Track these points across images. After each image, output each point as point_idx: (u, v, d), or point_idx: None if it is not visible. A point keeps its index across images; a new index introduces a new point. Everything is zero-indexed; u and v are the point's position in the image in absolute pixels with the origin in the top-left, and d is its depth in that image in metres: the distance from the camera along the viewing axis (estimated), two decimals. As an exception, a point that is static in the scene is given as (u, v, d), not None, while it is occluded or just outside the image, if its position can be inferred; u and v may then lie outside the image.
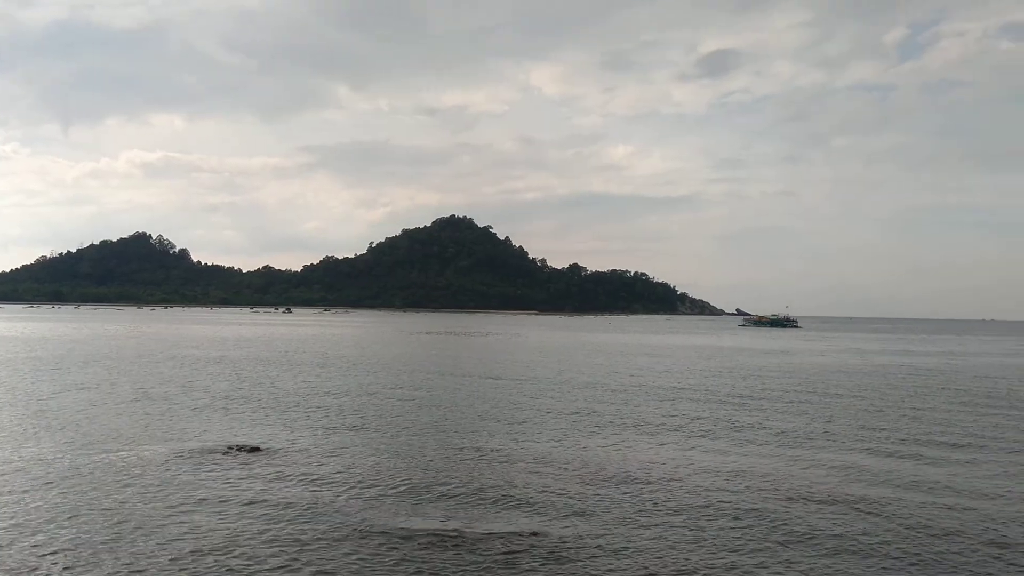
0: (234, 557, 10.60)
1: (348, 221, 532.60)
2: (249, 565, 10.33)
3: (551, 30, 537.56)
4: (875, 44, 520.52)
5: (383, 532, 11.80)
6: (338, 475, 15.39)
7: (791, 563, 10.81)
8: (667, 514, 12.99)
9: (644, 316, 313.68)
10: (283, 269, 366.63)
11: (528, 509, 13.20)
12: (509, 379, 36.38)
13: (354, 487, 14.45)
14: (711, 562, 10.79)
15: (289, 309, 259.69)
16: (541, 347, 67.79)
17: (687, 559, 10.85)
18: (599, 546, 11.35)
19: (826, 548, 11.44)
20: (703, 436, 21.02)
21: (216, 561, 10.43)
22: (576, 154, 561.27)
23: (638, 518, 12.77)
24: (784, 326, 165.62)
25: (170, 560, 10.45)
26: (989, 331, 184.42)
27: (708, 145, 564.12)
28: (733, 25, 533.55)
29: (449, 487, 14.63)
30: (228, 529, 11.76)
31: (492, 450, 18.23)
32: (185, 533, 11.55)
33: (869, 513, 13.38)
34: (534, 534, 11.83)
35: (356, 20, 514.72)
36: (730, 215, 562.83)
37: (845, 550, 11.38)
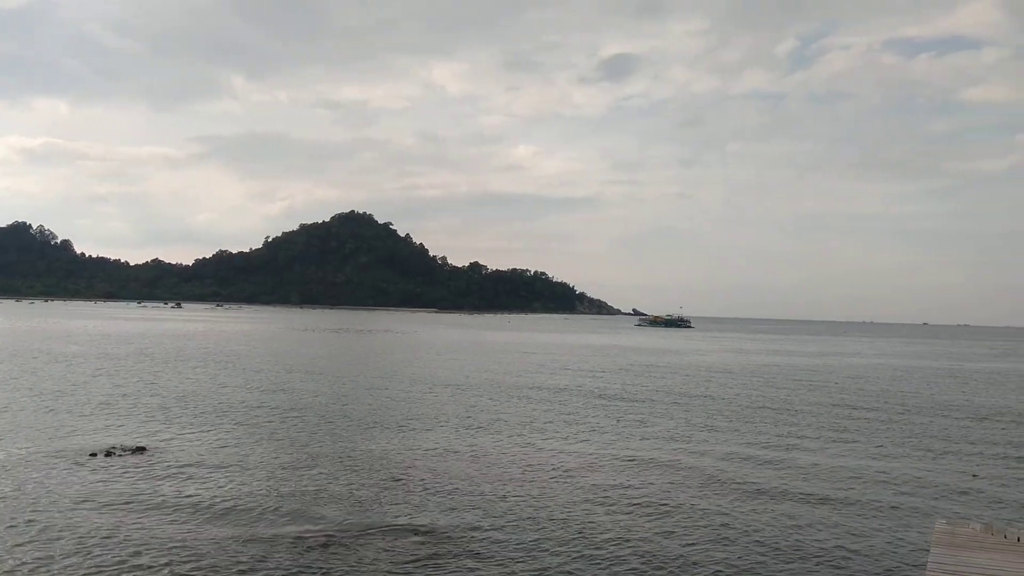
0: (112, 558, 10.40)
1: (243, 214, 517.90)
2: (127, 566, 10.16)
3: (454, 28, 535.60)
4: (767, 54, 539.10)
5: (268, 533, 11.65)
6: (225, 476, 15.20)
7: (671, 548, 11.32)
8: (558, 507, 13.31)
9: (543, 315, 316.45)
10: (173, 263, 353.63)
11: (417, 508, 13.28)
12: (404, 378, 36.35)
13: (241, 487, 14.28)
14: (594, 554, 11.16)
15: (179, 304, 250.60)
16: (439, 345, 67.69)
17: (578, 552, 11.20)
18: (490, 542, 11.46)
19: (710, 533, 12.00)
20: (592, 431, 21.58)
21: (93, 562, 10.21)
22: (479, 153, 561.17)
23: (528, 514, 12.97)
24: (678, 326, 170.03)
25: (41, 559, 10.18)
26: (867, 333, 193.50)
27: (607, 147, 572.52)
28: (633, 30, 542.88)
29: (337, 486, 14.60)
30: (108, 531, 11.49)
31: (383, 449, 18.31)
32: (62, 533, 11.26)
33: (739, 499, 14.08)
34: (424, 531, 11.89)
35: (254, 9, 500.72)
36: (628, 216, 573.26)
37: (723, 536, 11.97)
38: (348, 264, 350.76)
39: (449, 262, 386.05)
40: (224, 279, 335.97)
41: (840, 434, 22.76)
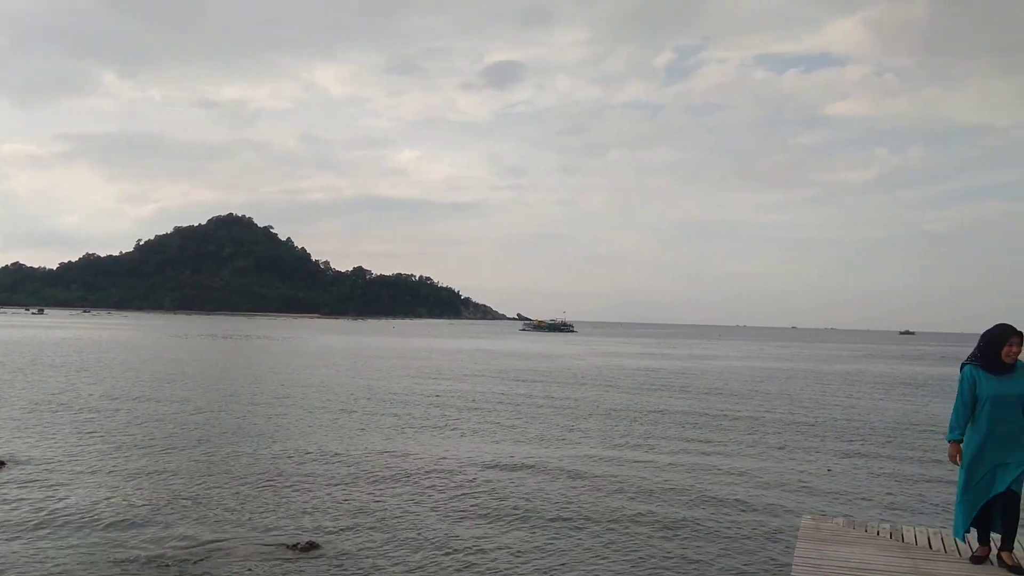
0: None
1: (113, 217, 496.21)
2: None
3: (336, 29, 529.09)
4: (647, 66, 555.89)
5: (136, 551, 10.72)
6: (91, 490, 13.86)
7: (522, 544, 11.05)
8: (426, 511, 12.89)
9: (428, 320, 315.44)
10: (36, 266, 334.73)
11: (300, 518, 12.35)
12: (279, 384, 35.10)
13: (109, 502, 13.05)
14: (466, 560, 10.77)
15: (41, 310, 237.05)
16: (318, 352, 66.29)
17: (445, 555, 10.78)
18: (357, 548, 11.01)
19: (572, 535, 11.80)
20: (465, 435, 21.24)
21: None
22: (364, 156, 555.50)
23: (395, 515, 12.54)
24: (561, 331, 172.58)
25: None
26: (739, 336, 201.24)
27: (493, 153, 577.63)
28: (517, 39, 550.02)
29: (202, 496, 13.46)
30: None
31: (251, 457, 17.28)
32: None
33: (604, 500, 13.99)
34: (292, 541, 11.25)
35: (126, 2, 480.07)
36: (513, 222, 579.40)
37: (585, 537, 11.80)
38: (226, 268, 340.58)
39: (333, 267, 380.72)
40: (91, 284, 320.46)
41: (704, 434, 22.95)
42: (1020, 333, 6.32)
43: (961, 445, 6.42)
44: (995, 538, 6.56)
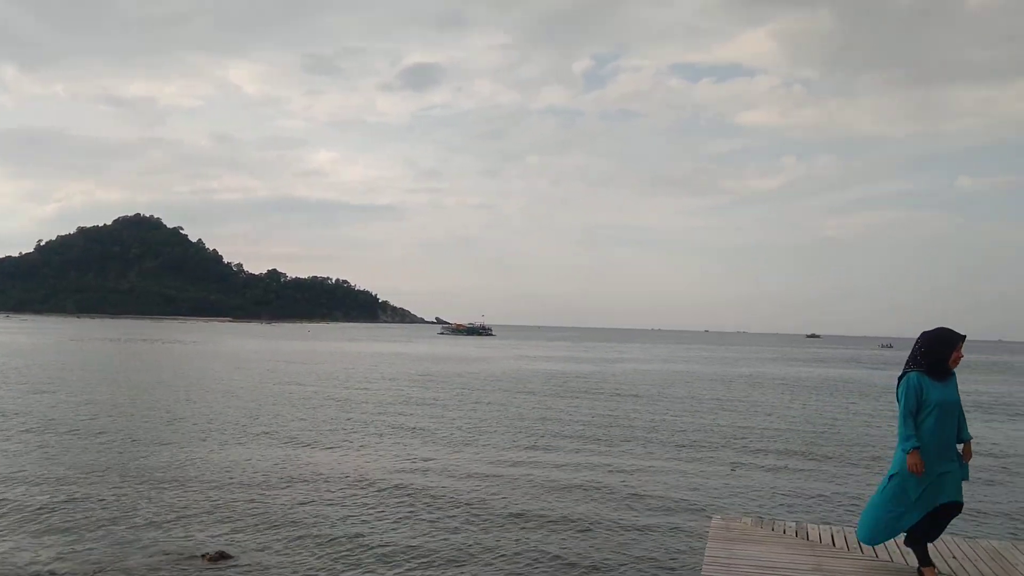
0: None
1: (11, 216, 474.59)
2: None
3: (251, 26, 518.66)
4: (565, 72, 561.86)
5: (30, 567, 10.15)
6: None
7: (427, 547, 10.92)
8: (326, 514, 12.61)
9: (345, 324, 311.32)
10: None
11: (209, 527, 11.87)
12: (184, 390, 33.92)
13: None
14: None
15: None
16: (229, 356, 64.61)
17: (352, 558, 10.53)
18: (283, 561, 10.67)
19: (478, 538, 11.71)
20: (377, 440, 21.03)
21: None
22: (278, 157, 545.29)
23: (317, 525, 12.23)
24: (480, 334, 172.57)
25: None
26: (653, 340, 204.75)
27: (411, 155, 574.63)
28: (435, 41, 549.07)
29: (112, 509, 12.85)
30: None
31: (165, 467, 16.76)
32: None
33: (511, 503, 13.97)
34: (219, 556, 10.85)
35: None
36: (432, 225, 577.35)
37: (492, 539, 11.73)
38: (132, 270, 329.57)
39: (246, 269, 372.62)
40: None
41: (613, 436, 23.10)
42: (964, 337, 6.19)
43: (907, 453, 6.08)
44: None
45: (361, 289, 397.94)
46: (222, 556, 10.59)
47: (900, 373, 6.37)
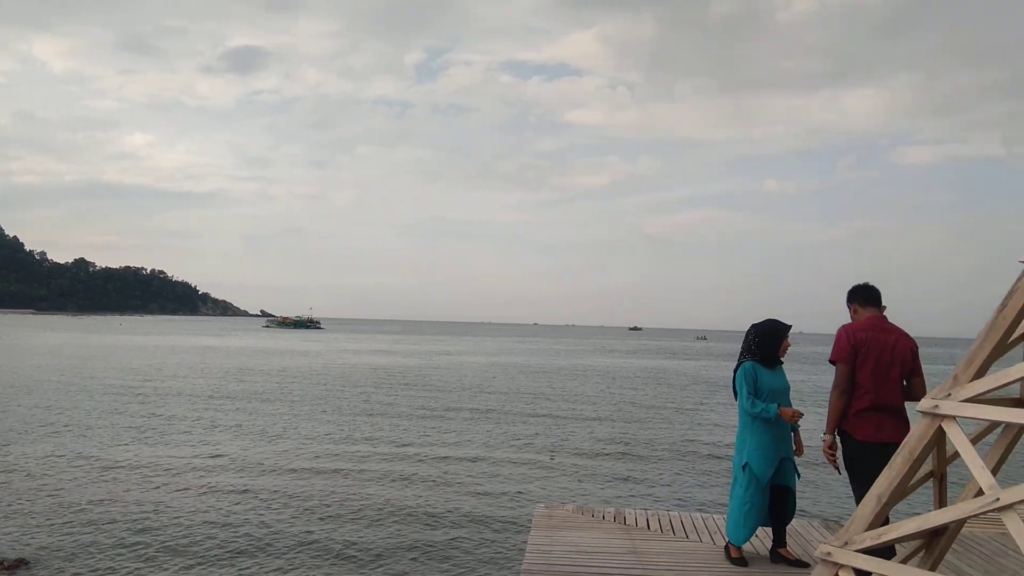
0: None
1: None
2: None
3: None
4: (397, 63, 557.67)
5: None
6: None
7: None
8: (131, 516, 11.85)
9: (162, 317, 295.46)
10: None
11: (7, 533, 11.09)
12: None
13: None
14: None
15: None
16: (29, 350, 59.88)
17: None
18: (84, 567, 9.82)
19: (290, 530, 11.36)
20: (188, 437, 20.06)
21: None
22: (87, 138, 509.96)
23: (126, 528, 11.39)
24: (308, 327, 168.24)
25: None
26: (482, 333, 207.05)
27: (236, 142, 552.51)
28: (262, 24, 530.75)
29: None
30: None
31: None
32: None
33: (339, 499, 13.70)
34: (17, 563, 9.87)
35: None
36: (258, 215, 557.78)
37: (306, 533, 11.43)
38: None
39: (50, 258, 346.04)
40: None
41: (440, 428, 23.24)
42: (790, 327, 6.44)
43: (775, 416, 6.22)
44: (767, 531, 6.78)
45: (180, 281, 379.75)
46: (20, 563, 9.82)
47: (736, 364, 6.59)
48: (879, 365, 5.41)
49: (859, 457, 5.43)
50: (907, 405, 5.40)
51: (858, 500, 5.41)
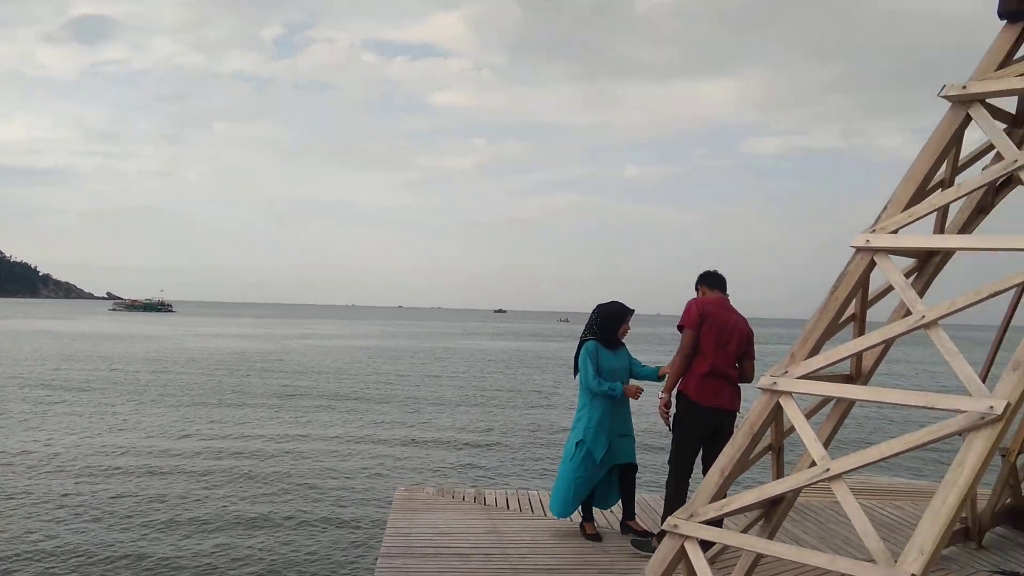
0: None
1: None
2: None
3: None
4: (254, 37, 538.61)
5: None
6: None
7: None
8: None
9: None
10: None
11: None
12: None
13: None
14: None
15: None
16: None
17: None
18: None
19: (159, 519, 10.84)
20: (18, 428, 18.88)
21: None
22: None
23: None
24: (159, 310, 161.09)
25: None
26: (345, 316, 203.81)
27: (81, 115, 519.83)
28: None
29: None
30: None
31: None
32: None
33: (197, 486, 13.19)
34: None
35: None
36: (105, 192, 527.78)
37: (172, 521, 10.94)
38: None
39: None
40: None
41: (298, 413, 22.76)
42: (633, 311, 6.64)
43: (619, 393, 6.38)
44: (600, 510, 6.94)
45: (18, 261, 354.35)
46: None
47: (579, 341, 6.70)
48: (720, 336, 5.75)
49: (691, 418, 5.78)
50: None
51: (675, 459, 5.88)
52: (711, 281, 6.10)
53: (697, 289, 6.17)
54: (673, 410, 5.93)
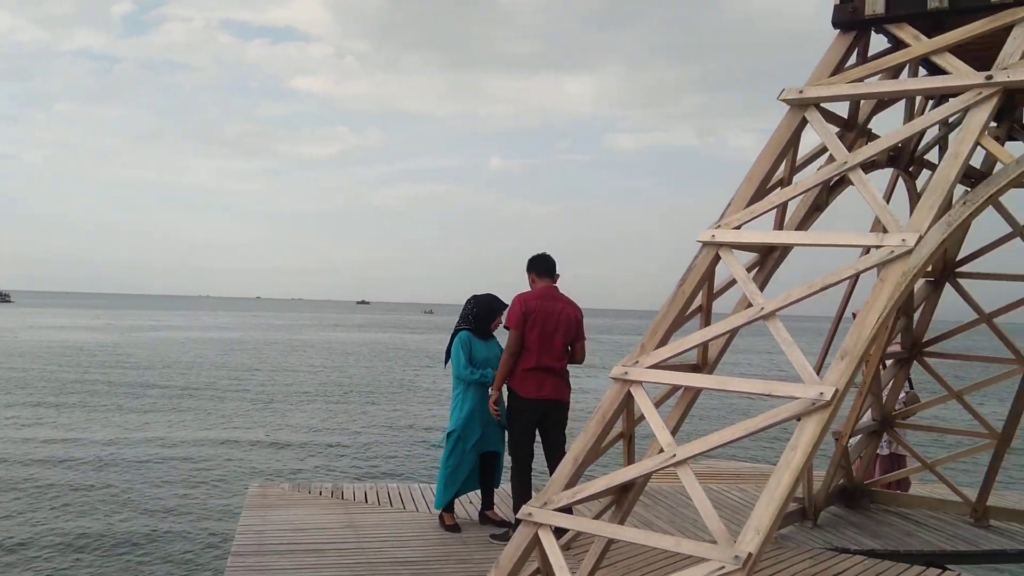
0: None
1: None
2: None
3: None
4: (101, 13, 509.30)
5: None
6: None
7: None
8: None
9: None
10: None
11: None
12: None
13: None
14: None
15: None
16: None
17: None
18: None
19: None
20: None
21: None
22: None
23: None
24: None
25: None
26: (199, 307, 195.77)
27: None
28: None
29: None
30: None
31: None
32: None
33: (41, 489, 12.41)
34: None
35: None
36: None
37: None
38: None
39: None
40: None
41: (148, 409, 21.87)
42: (507, 306, 6.66)
43: (491, 380, 6.40)
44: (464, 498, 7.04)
45: None
46: None
47: (452, 331, 6.81)
48: (544, 331, 5.99)
49: (519, 411, 6.06)
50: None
51: (513, 451, 6.17)
52: (539, 268, 6.26)
53: (528, 275, 6.33)
54: (504, 407, 6.21)
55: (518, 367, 6.02)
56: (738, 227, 4.02)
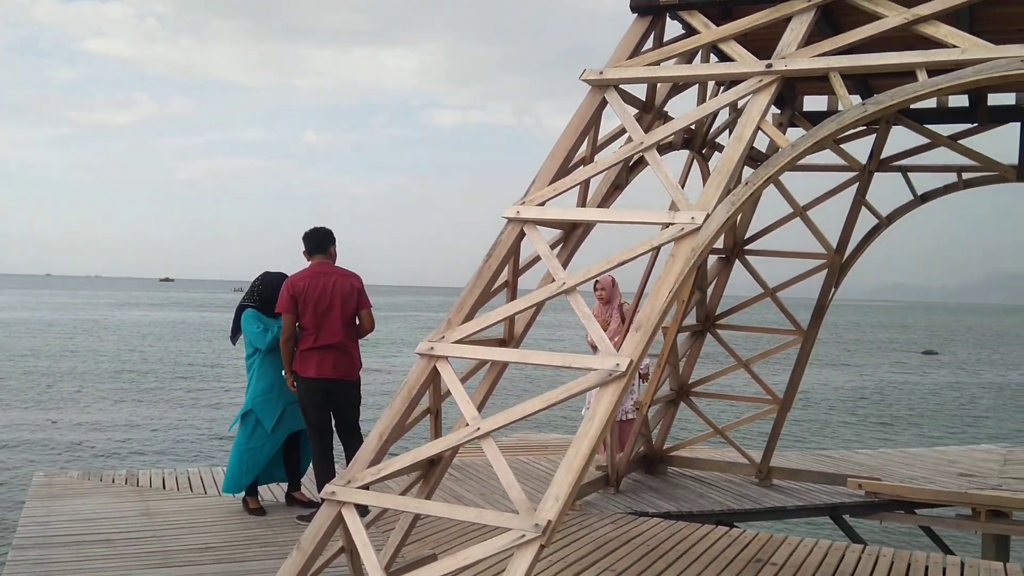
0: None
1: None
2: None
3: None
4: None
5: None
6: None
7: None
8: None
9: None
10: None
11: None
12: None
13: None
14: None
15: None
16: None
17: None
18: None
19: None
20: None
21: None
22: None
23: None
24: None
25: None
26: (40, 286, 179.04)
27: None
28: None
29: None
30: None
31: None
32: None
33: None
34: None
35: None
36: None
37: None
38: None
39: None
40: None
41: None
42: None
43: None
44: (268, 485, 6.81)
45: None
46: None
47: (237, 307, 6.63)
48: (318, 309, 5.88)
49: (306, 392, 5.93)
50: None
51: (309, 431, 6.06)
52: (309, 245, 6.17)
53: (304, 253, 6.22)
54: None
55: (299, 348, 5.93)
56: (542, 204, 4.09)
